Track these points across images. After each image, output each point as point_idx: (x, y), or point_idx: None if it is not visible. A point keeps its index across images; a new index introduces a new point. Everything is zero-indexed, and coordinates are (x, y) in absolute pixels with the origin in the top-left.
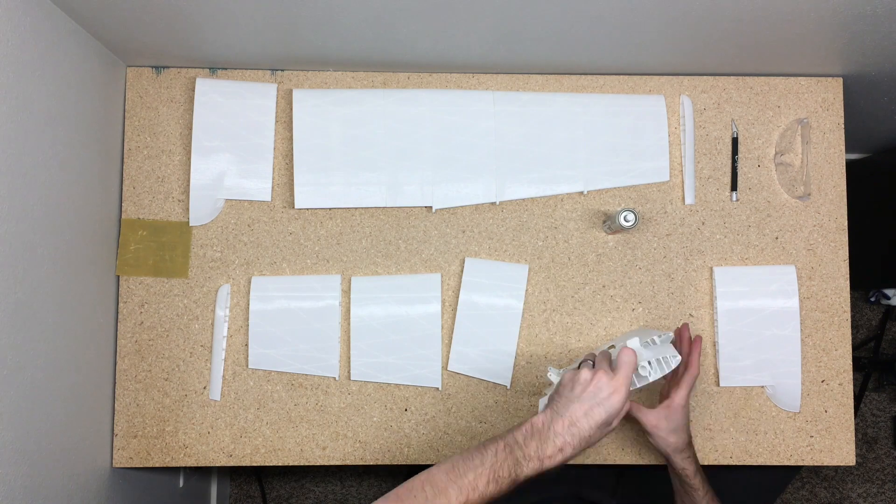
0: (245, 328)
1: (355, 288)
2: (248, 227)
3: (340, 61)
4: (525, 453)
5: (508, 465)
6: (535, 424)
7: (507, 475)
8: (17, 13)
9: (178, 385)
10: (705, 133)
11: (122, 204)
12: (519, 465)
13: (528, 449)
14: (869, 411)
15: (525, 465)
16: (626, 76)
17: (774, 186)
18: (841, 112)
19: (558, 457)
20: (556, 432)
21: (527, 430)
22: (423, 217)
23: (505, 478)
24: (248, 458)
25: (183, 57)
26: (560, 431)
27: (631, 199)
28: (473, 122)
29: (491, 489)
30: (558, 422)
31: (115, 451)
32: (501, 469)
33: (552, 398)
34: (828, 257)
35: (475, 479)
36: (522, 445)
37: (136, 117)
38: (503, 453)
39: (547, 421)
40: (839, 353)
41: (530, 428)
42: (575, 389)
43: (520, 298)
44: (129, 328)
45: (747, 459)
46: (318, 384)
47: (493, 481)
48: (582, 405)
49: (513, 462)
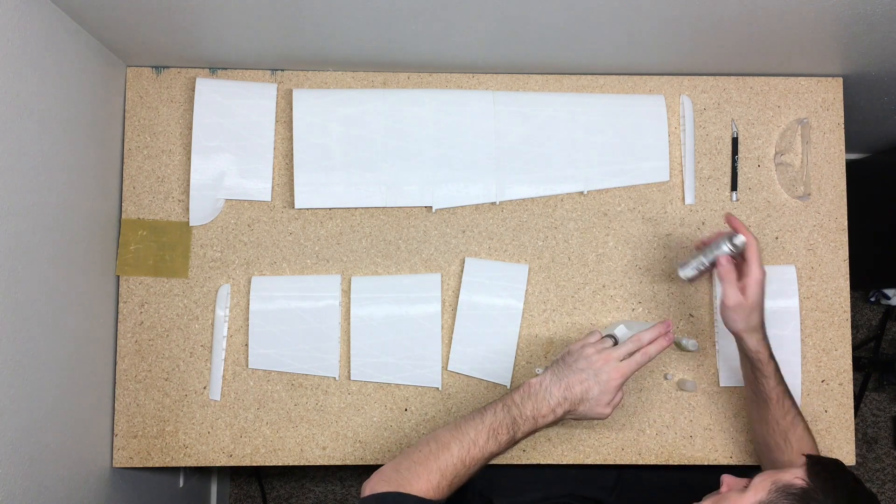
0: (245, 328)
1: (355, 288)
2: (248, 227)
3: (340, 61)
4: (521, 412)
5: (506, 423)
6: (533, 386)
7: (506, 432)
8: (17, 13)
9: (178, 385)
10: (705, 133)
11: (122, 204)
12: (516, 423)
13: (525, 409)
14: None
15: (522, 424)
16: (626, 76)
17: (774, 186)
18: (841, 112)
19: (550, 416)
20: (552, 393)
21: (524, 391)
22: (423, 217)
23: (504, 434)
24: (248, 458)
25: (183, 57)
26: (555, 393)
27: (631, 198)
28: (473, 122)
29: (491, 445)
30: (555, 384)
31: (115, 451)
32: (500, 427)
33: (555, 363)
34: (828, 257)
35: (475, 436)
36: (519, 405)
37: (136, 117)
38: (501, 413)
39: (545, 383)
40: (839, 353)
41: (528, 389)
42: (579, 362)
43: (520, 298)
44: (129, 328)
45: (747, 459)
46: (318, 384)
47: (492, 438)
48: (579, 375)
49: (510, 421)
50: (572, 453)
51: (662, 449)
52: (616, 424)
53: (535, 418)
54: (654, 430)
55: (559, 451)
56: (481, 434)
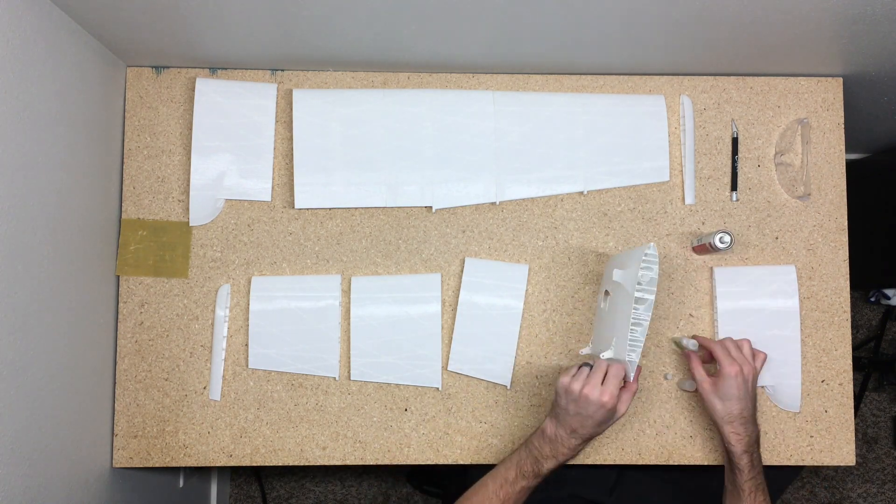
0: (245, 328)
1: (355, 288)
2: (248, 227)
3: (340, 61)
4: (542, 454)
5: (530, 462)
6: (547, 432)
7: (531, 470)
8: (17, 13)
9: (178, 385)
10: (705, 133)
11: (122, 204)
12: (538, 462)
13: (544, 450)
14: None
15: (544, 463)
16: (626, 76)
17: (774, 186)
18: (841, 112)
19: (571, 453)
20: (563, 437)
21: (541, 436)
22: (423, 217)
23: (529, 472)
24: (248, 458)
25: (183, 57)
26: (564, 437)
27: (631, 198)
28: (473, 122)
29: (521, 482)
30: (563, 429)
31: (115, 451)
32: (524, 465)
33: (554, 406)
34: (828, 257)
35: (506, 472)
36: (539, 448)
37: (136, 117)
38: (524, 453)
39: (554, 429)
40: (839, 353)
41: (542, 435)
42: (569, 406)
43: (520, 298)
44: (129, 328)
45: None
46: (318, 384)
47: (520, 475)
48: (576, 419)
49: (533, 461)
50: None
51: (662, 449)
52: (616, 424)
53: (556, 457)
54: (654, 430)
55: None
56: (510, 471)
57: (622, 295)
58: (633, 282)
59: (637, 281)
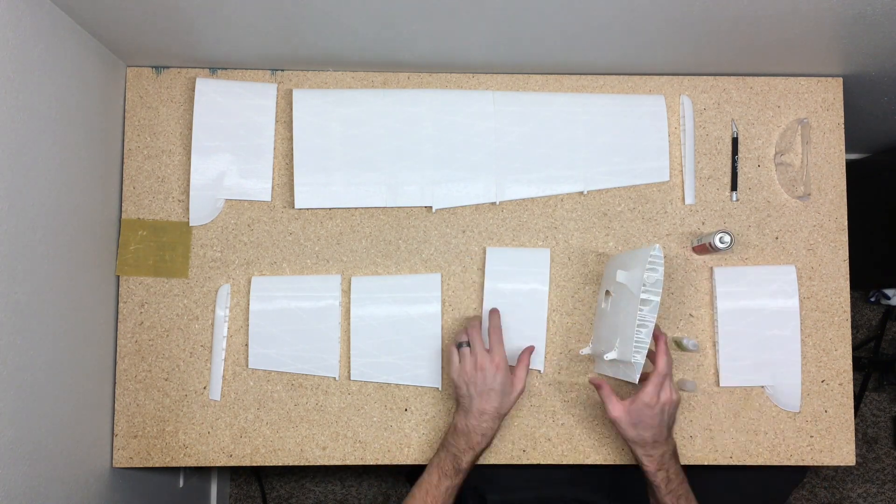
0: (245, 328)
1: (355, 288)
2: (248, 227)
3: (340, 61)
4: (458, 449)
5: (449, 460)
6: (458, 427)
7: (451, 468)
8: (17, 13)
9: (178, 385)
10: (705, 133)
11: (122, 204)
12: (457, 459)
13: (459, 445)
14: (869, 411)
15: (462, 457)
16: (626, 76)
17: (774, 186)
18: (841, 112)
19: (484, 441)
20: (472, 426)
21: (453, 433)
22: (423, 217)
23: (450, 470)
24: (248, 458)
25: (183, 57)
26: (475, 424)
27: (631, 198)
28: (473, 122)
29: (444, 482)
30: (470, 418)
31: (115, 451)
32: (444, 465)
33: (457, 397)
34: (828, 257)
35: (429, 478)
36: (454, 444)
37: (136, 117)
38: (443, 453)
39: (463, 420)
40: (839, 353)
41: (454, 431)
42: (469, 389)
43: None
44: (129, 328)
45: (747, 459)
46: (318, 384)
47: (442, 476)
48: (480, 399)
49: (451, 458)
50: (572, 453)
51: None
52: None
53: (472, 447)
54: None
55: (559, 451)
56: (433, 475)
57: (626, 296)
58: (639, 283)
59: (643, 282)
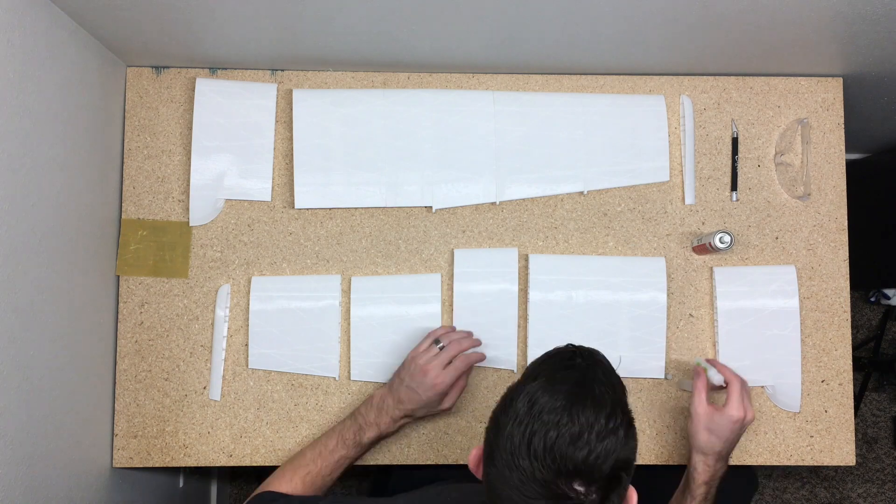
0: (245, 328)
1: (355, 288)
2: (248, 227)
3: (340, 61)
4: (366, 420)
5: (353, 430)
6: (374, 400)
7: (352, 437)
8: (17, 13)
9: (178, 385)
10: (705, 133)
11: (122, 204)
12: (361, 430)
13: (368, 417)
14: (869, 411)
15: (366, 430)
16: (626, 76)
17: (774, 186)
18: (841, 112)
19: (393, 426)
20: (388, 406)
21: (369, 402)
22: (423, 217)
23: (350, 439)
24: (248, 458)
25: (183, 57)
26: (391, 405)
27: (631, 198)
28: (473, 122)
29: (340, 451)
30: (390, 398)
31: (115, 451)
32: (347, 434)
33: (395, 373)
34: (828, 257)
35: (326, 441)
36: (364, 415)
37: (136, 117)
38: (349, 421)
39: (383, 396)
40: (839, 353)
41: (369, 402)
42: (405, 377)
43: (513, 282)
44: (129, 328)
45: (747, 459)
46: (318, 384)
47: (340, 443)
48: (407, 391)
49: (356, 428)
50: None
51: (662, 449)
52: None
53: (378, 425)
54: (654, 431)
55: None
56: (331, 440)
57: None
58: None
59: None
